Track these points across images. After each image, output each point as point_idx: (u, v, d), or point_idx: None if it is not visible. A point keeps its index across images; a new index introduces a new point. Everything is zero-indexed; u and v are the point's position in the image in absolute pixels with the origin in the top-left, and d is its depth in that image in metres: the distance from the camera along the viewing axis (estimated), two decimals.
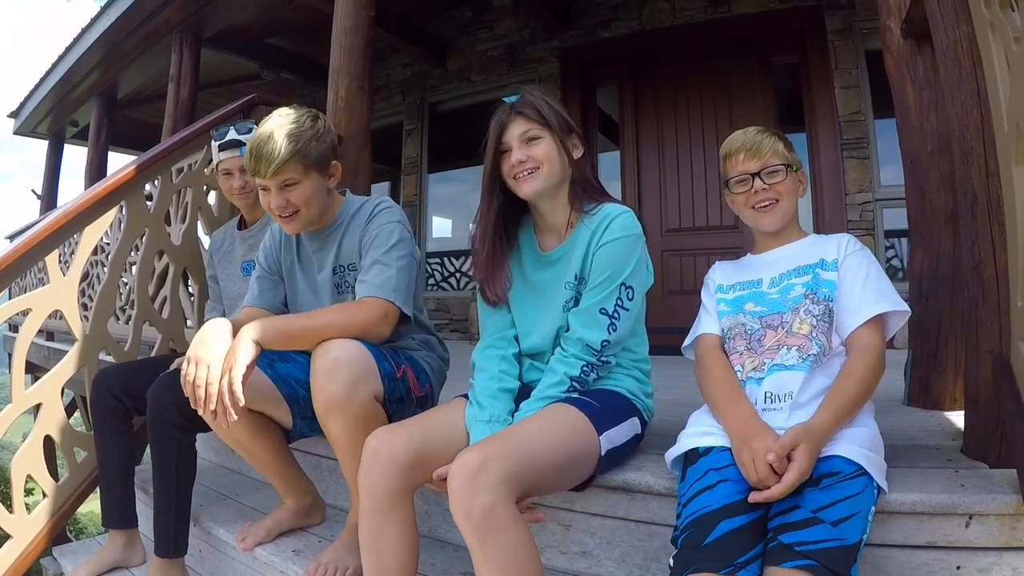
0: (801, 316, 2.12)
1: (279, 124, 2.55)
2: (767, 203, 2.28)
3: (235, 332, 2.31)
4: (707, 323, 2.36)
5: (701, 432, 2.06)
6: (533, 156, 2.27)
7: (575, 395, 2.22)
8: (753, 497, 1.75)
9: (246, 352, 2.18)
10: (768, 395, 2.05)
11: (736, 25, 7.28)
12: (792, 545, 1.68)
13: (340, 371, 2.23)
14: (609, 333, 2.24)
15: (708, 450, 1.98)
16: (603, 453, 2.12)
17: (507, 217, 2.45)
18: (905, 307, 2.10)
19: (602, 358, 2.26)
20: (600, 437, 2.11)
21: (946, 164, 2.88)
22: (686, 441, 2.08)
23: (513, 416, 2.22)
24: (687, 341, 2.42)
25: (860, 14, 6.59)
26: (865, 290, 2.12)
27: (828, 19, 6.80)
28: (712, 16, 7.42)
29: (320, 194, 2.65)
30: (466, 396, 2.38)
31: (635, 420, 2.32)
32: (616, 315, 2.24)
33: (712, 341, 2.32)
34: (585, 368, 2.24)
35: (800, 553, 1.66)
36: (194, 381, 2.15)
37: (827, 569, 1.63)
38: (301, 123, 2.59)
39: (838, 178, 6.69)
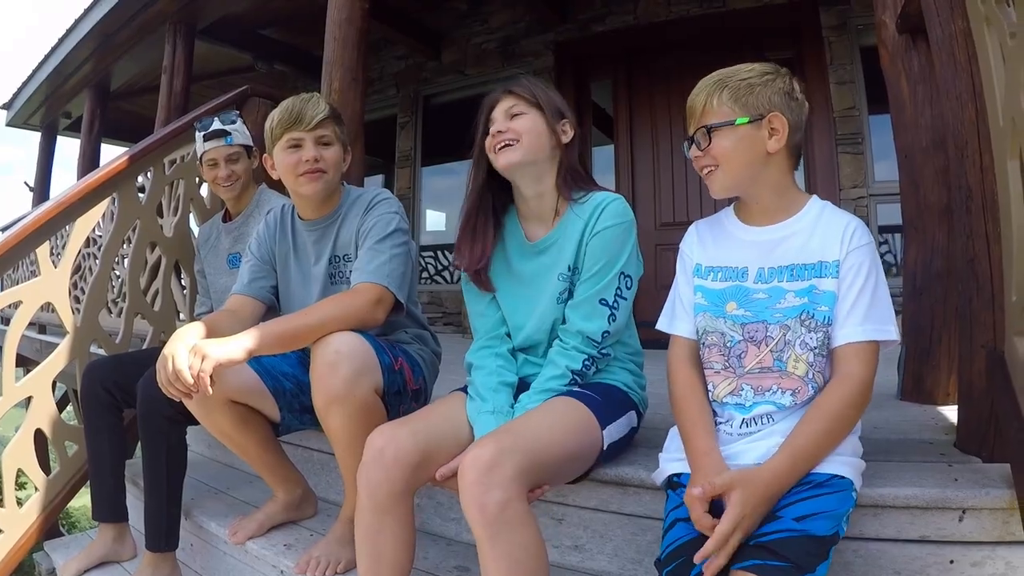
0: (797, 352, 1.86)
1: (312, 94, 2.73)
2: (707, 169, 1.98)
3: (210, 332, 2.30)
4: (682, 319, 2.12)
5: (675, 458, 1.97)
6: (513, 128, 2.26)
7: (576, 388, 2.21)
8: (698, 556, 1.62)
9: (223, 351, 2.14)
10: (747, 422, 1.90)
11: (731, 20, 7.27)
12: (747, 542, 1.63)
13: (341, 364, 2.21)
14: (609, 324, 2.22)
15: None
16: (605, 447, 2.12)
17: (494, 198, 2.44)
18: (894, 336, 1.86)
19: (602, 350, 2.25)
20: (603, 431, 2.11)
21: (940, 159, 2.87)
22: (664, 467, 2.00)
23: (513, 408, 2.20)
24: (664, 327, 2.17)
25: (855, 10, 6.59)
26: (858, 304, 1.85)
27: (823, 15, 6.81)
28: (707, 11, 7.42)
29: (339, 167, 2.75)
30: (463, 390, 2.36)
31: (632, 414, 2.32)
32: (616, 305, 2.23)
33: (684, 350, 2.09)
34: (587, 361, 2.23)
35: (752, 548, 1.62)
36: (165, 379, 2.12)
37: (782, 558, 1.57)
38: (330, 103, 2.75)
39: (832, 173, 6.69)
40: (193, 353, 2.10)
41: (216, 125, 3.47)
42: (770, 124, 1.91)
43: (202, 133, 3.49)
